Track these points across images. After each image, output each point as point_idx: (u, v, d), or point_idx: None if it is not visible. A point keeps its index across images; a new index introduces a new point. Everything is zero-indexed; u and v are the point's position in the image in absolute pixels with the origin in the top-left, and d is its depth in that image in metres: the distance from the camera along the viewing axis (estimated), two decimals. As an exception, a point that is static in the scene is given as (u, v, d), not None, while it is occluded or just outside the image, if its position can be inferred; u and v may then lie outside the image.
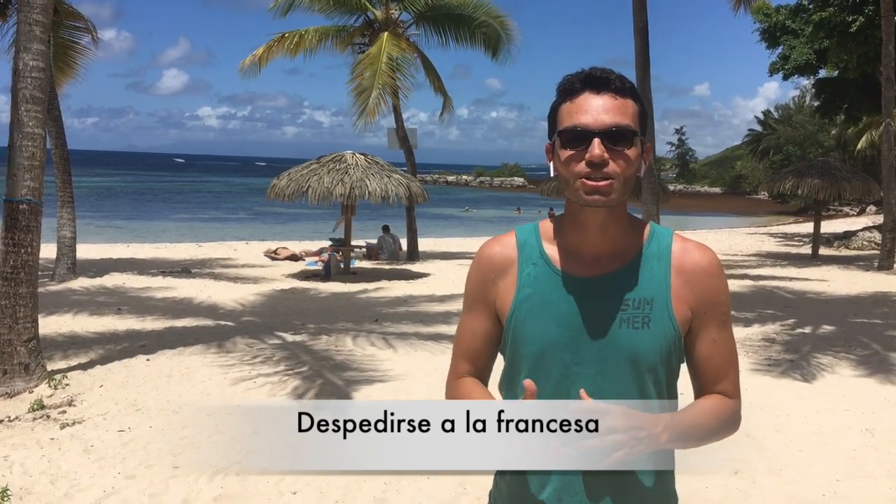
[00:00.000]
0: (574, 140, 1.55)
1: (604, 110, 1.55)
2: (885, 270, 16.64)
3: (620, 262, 1.64)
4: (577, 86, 1.59)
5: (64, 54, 14.46)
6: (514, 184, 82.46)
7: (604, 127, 1.54)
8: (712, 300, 1.64)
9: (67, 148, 13.18)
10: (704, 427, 1.62)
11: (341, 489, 4.56)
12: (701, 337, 1.65)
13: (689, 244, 1.67)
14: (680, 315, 1.62)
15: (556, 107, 1.63)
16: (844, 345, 8.75)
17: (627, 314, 1.60)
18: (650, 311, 1.60)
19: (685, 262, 1.64)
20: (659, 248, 1.66)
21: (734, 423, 1.68)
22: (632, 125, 1.56)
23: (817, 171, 20.16)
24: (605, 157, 1.53)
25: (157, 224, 33.00)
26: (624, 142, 1.55)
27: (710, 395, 1.67)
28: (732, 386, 1.68)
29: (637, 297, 1.61)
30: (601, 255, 1.64)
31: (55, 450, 5.07)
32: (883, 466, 5.04)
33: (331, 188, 14.27)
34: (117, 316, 9.91)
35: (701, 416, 1.62)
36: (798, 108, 59.98)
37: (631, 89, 1.60)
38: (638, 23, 13.91)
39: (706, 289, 1.64)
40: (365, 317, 10.35)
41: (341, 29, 19.13)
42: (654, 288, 1.62)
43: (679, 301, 1.62)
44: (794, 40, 24.98)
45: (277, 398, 6.35)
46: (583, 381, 1.57)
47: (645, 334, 1.59)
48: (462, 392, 1.71)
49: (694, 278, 1.63)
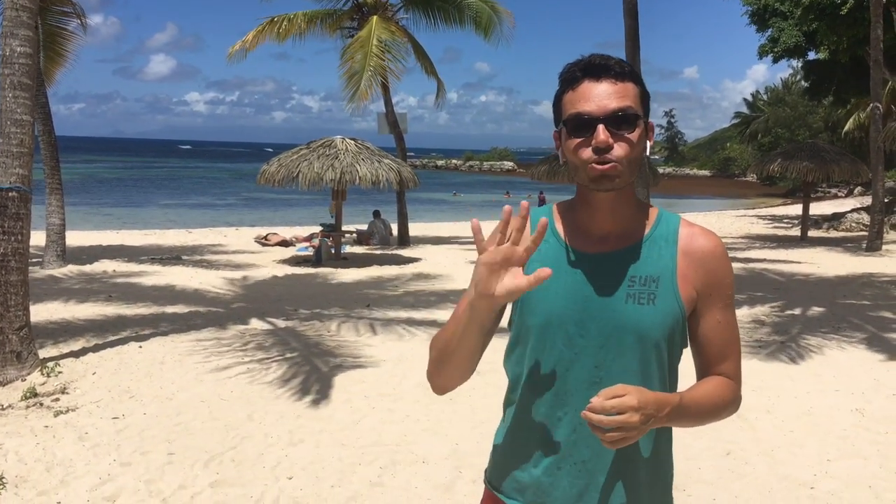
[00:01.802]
0: (579, 127, 1.59)
1: (605, 96, 1.58)
2: (873, 252, 16.76)
3: (628, 242, 1.67)
4: (577, 74, 1.61)
5: (52, 41, 14.30)
6: (504, 168, 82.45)
7: (607, 112, 1.57)
8: (717, 282, 1.68)
9: (55, 134, 13.08)
10: (705, 406, 1.65)
11: (337, 473, 4.58)
12: (705, 318, 1.68)
13: (696, 228, 1.71)
14: (685, 294, 1.65)
15: (560, 96, 1.66)
16: (834, 326, 8.82)
17: (634, 290, 1.63)
18: (656, 288, 1.63)
19: (692, 245, 1.68)
20: (667, 231, 1.70)
21: (734, 405, 1.72)
22: (633, 107, 1.59)
23: (806, 154, 20.23)
24: (611, 142, 1.56)
25: (147, 210, 32.84)
26: (627, 125, 1.58)
27: (713, 377, 1.71)
28: (734, 368, 1.72)
29: (644, 275, 1.64)
30: (610, 234, 1.68)
31: (49, 437, 5.07)
32: (873, 446, 5.10)
33: (321, 173, 14.22)
34: (108, 303, 9.87)
35: (703, 396, 1.65)
36: (787, 90, 60.07)
37: (631, 73, 1.62)
38: (628, 4, 13.87)
39: (711, 271, 1.67)
40: (356, 302, 10.36)
41: (330, 13, 19.02)
42: (661, 267, 1.65)
43: (685, 281, 1.65)
44: (783, 22, 24.95)
45: (268, 383, 6.35)
46: (587, 354, 1.62)
47: (650, 310, 1.62)
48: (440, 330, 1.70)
49: (700, 260, 1.67)
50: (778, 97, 61.53)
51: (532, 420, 1.69)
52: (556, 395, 1.64)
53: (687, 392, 1.62)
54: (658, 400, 1.49)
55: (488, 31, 19.09)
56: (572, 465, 1.64)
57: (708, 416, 1.67)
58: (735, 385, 1.72)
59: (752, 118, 62.65)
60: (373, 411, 5.74)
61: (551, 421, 1.66)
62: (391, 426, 5.43)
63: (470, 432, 5.26)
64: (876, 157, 17.40)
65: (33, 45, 6.55)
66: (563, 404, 1.64)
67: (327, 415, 5.64)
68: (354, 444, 5.05)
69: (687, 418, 1.60)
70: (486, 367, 6.55)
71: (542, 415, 1.67)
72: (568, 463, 1.65)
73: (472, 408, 5.73)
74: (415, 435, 5.26)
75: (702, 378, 1.72)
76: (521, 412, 1.72)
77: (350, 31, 19.08)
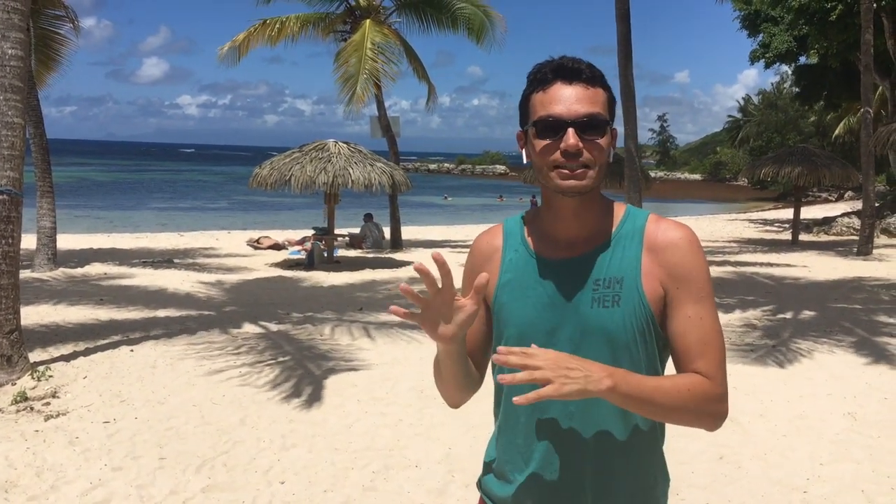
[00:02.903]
0: (548, 130, 1.58)
1: (576, 100, 1.57)
2: (864, 256, 16.83)
3: (594, 244, 1.66)
4: (548, 76, 1.60)
5: (45, 45, 14.24)
6: (496, 171, 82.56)
7: (577, 117, 1.56)
8: (684, 275, 1.60)
9: (46, 137, 13.02)
10: (670, 395, 1.51)
11: (330, 478, 4.57)
12: (675, 313, 1.61)
13: (664, 223, 1.66)
14: (650, 292, 1.60)
15: (528, 95, 1.64)
16: (825, 330, 8.85)
17: (598, 293, 1.61)
18: (620, 289, 1.60)
19: (657, 239, 1.63)
20: (633, 228, 1.66)
21: (711, 405, 1.56)
22: (603, 114, 1.59)
23: (797, 158, 20.30)
24: (580, 147, 1.55)
25: (138, 213, 32.73)
26: (596, 131, 1.57)
27: (686, 373, 1.58)
28: (712, 367, 1.57)
29: (607, 277, 1.62)
30: (576, 238, 1.66)
31: (40, 442, 5.04)
32: (865, 450, 5.11)
33: (314, 177, 14.21)
34: (99, 306, 9.83)
35: (668, 382, 1.53)
36: (778, 94, 60.34)
37: (600, 78, 1.61)
38: (620, 8, 13.91)
39: (677, 264, 1.60)
40: (349, 305, 10.34)
41: (323, 16, 19.01)
42: (625, 267, 1.62)
43: (649, 278, 1.60)
44: (774, 28, 25.08)
45: (260, 387, 6.33)
46: None
47: (615, 312, 1.59)
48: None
49: (664, 254, 1.61)
50: (769, 102, 61.80)
51: (514, 428, 1.70)
52: (535, 405, 1.60)
53: (646, 376, 1.56)
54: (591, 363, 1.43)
55: (481, 35, 19.09)
56: (552, 471, 1.65)
57: (674, 407, 1.52)
58: (712, 384, 1.55)
59: (744, 122, 62.93)
60: (365, 415, 5.72)
61: (532, 429, 1.67)
62: (384, 430, 5.41)
63: (463, 436, 5.25)
64: (866, 162, 17.48)
65: (25, 48, 6.52)
66: (542, 412, 1.65)
67: (320, 419, 5.62)
68: (347, 449, 5.04)
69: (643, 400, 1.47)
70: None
71: (522, 424, 1.68)
72: (549, 470, 1.65)
73: (465, 412, 5.69)
74: (408, 439, 5.24)
75: None
76: (504, 421, 1.74)
77: (343, 34, 19.07)
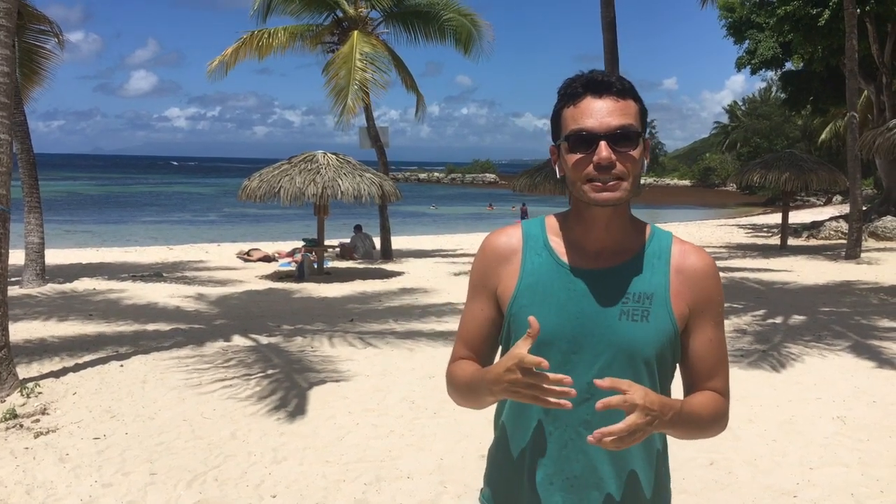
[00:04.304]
0: (580, 143, 1.60)
1: (607, 113, 1.59)
2: (852, 260, 16.92)
3: (622, 258, 1.68)
4: (579, 90, 1.62)
5: (29, 59, 14.20)
6: (486, 180, 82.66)
7: (609, 130, 1.58)
8: (709, 300, 1.69)
9: (33, 152, 12.98)
10: (701, 418, 1.65)
11: (321, 490, 4.56)
12: (697, 335, 1.69)
13: (688, 246, 1.73)
14: (678, 312, 1.66)
15: (559, 111, 1.66)
16: (814, 334, 8.89)
17: (628, 307, 1.64)
18: (650, 305, 1.64)
19: (684, 263, 1.69)
20: (660, 248, 1.71)
21: (723, 421, 1.71)
22: (635, 125, 1.61)
23: (784, 163, 20.42)
24: (612, 159, 1.57)
25: (127, 227, 32.61)
26: (628, 142, 1.59)
27: (704, 392, 1.70)
28: (724, 385, 1.72)
29: (637, 292, 1.65)
30: (604, 250, 1.68)
31: (30, 459, 5.01)
32: (854, 454, 5.13)
33: (303, 188, 14.21)
34: (88, 322, 9.79)
35: (700, 407, 1.65)
36: (764, 100, 60.69)
37: (631, 90, 1.64)
38: (606, 17, 14.00)
39: (704, 289, 1.69)
40: (340, 317, 10.33)
41: (311, 28, 19.04)
42: (655, 284, 1.66)
43: (678, 298, 1.66)
44: (759, 34, 25.26)
45: (251, 401, 6.31)
46: (580, 370, 1.61)
47: (644, 327, 1.63)
48: (458, 369, 1.76)
49: (693, 278, 1.68)
50: (755, 108, 62.15)
51: (523, 437, 1.70)
52: (547, 412, 1.64)
53: (685, 401, 1.63)
54: (662, 401, 1.51)
55: (468, 45, 19.14)
56: (563, 480, 1.65)
57: (700, 428, 1.67)
58: (726, 402, 1.72)
59: (732, 128, 63.25)
60: (357, 427, 5.71)
61: (542, 437, 1.67)
62: (375, 442, 5.41)
63: (454, 446, 5.25)
64: (853, 166, 17.60)
65: (10, 64, 6.51)
66: (553, 420, 1.65)
67: (311, 431, 5.61)
68: (338, 461, 5.03)
69: (683, 427, 1.59)
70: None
71: (533, 431, 1.68)
72: (559, 479, 1.65)
73: (457, 422, 5.72)
74: (399, 450, 5.24)
75: (689, 395, 1.72)
76: (512, 429, 1.73)
77: (331, 45, 19.10)
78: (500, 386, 1.50)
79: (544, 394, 1.45)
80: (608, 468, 1.64)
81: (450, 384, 1.79)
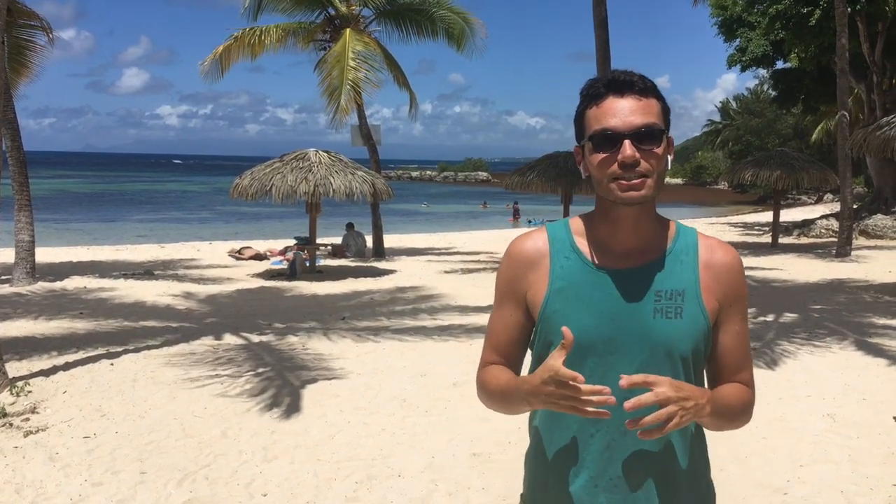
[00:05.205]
0: (604, 143, 1.61)
1: (630, 112, 1.60)
2: (843, 258, 16.98)
3: (651, 256, 1.70)
4: (601, 90, 1.64)
5: (19, 54, 14.13)
6: (479, 178, 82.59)
7: (632, 128, 1.59)
8: (737, 294, 1.72)
9: (24, 150, 12.92)
10: (734, 408, 1.69)
11: (312, 489, 4.55)
12: (725, 329, 1.72)
13: (713, 241, 1.75)
14: (709, 306, 1.68)
15: (582, 111, 1.67)
16: (806, 332, 8.92)
17: (661, 304, 1.65)
18: (682, 301, 1.66)
19: (712, 258, 1.72)
20: (686, 244, 1.73)
21: (750, 412, 1.76)
22: (658, 123, 1.62)
23: (776, 162, 20.47)
24: (637, 157, 1.58)
25: (119, 225, 32.47)
26: (652, 140, 1.61)
27: (731, 384, 1.74)
28: (750, 377, 1.77)
29: (669, 289, 1.66)
30: (632, 249, 1.69)
31: (19, 458, 4.99)
32: (845, 451, 5.15)
33: (295, 186, 14.17)
34: (79, 320, 9.75)
35: (733, 398, 1.70)
36: (756, 98, 60.84)
37: (653, 88, 1.65)
38: (598, 16, 14.01)
39: (732, 283, 1.71)
40: (332, 315, 10.31)
41: (303, 26, 18.99)
42: (685, 280, 1.68)
43: (708, 293, 1.69)
44: (750, 32, 25.31)
45: (241, 399, 6.30)
46: (617, 371, 1.61)
47: (678, 324, 1.65)
48: (489, 376, 1.76)
49: (721, 272, 1.71)
50: (747, 106, 62.28)
51: (564, 439, 1.70)
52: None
53: (716, 391, 1.66)
54: (695, 389, 1.55)
55: (461, 42, 19.15)
56: (608, 480, 1.66)
57: (731, 418, 1.71)
58: (752, 393, 1.77)
59: (723, 126, 63.38)
60: (348, 425, 5.71)
61: (584, 438, 1.67)
62: (367, 440, 5.40)
63: (446, 445, 5.25)
64: (844, 165, 17.66)
65: (0, 61, 6.47)
66: (594, 421, 1.64)
67: (302, 430, 5.60)
68: (330, 459, 5.02)
69: (718, 416, 1.62)
70: (461, 379, 6.57)
71: (574, 432, 1.68)
72: (604, 479, 1.66)
73: (448, 420, 5.72)
74: (390, 448, 5.24)
75: (714, 387, 1.74)
76: (552, 432, 1.73)
77: (323, 43, 19.06)
78: (538, 398, 1.53)
79: (582, 405, 1.47)
80: (652, 467, 1.66)
81: (481, 390, 1.79)
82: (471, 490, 4.54)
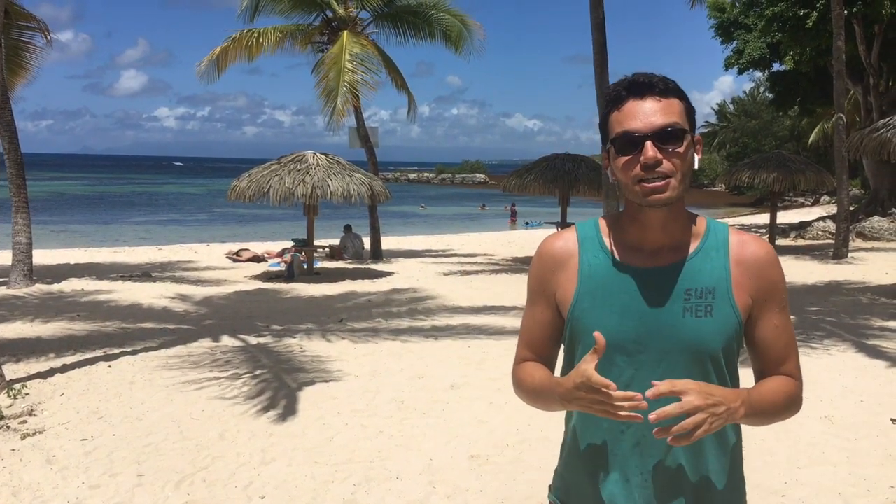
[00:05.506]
0: (627, 145, 1.62)
1: (651, 113, 1.61)
2: (840, 259, 17.00)
3: (681, 255, 1.69)
4: (622, 94, 1.64)
5: (16, 55, 14.14)
6: (476, 180, 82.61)
7: (653, 129, 1.59)
8: (772, 288, 1.70)
9: (21, 152, 12.90)
10: (775, 403, 1.68)
11: (310, 492, 4.55)
12: (763, 324, 1.70)
13: (746, 236, 1.74)
14: (741, 303, 1.67)
15: (606, 116, 1.68)
16: (803, 334, 8.93)
17: (691, 303, 1.65)
18: (713, 300, 1.65)
19: (744, 253, 1.70)
20: (717, 241, 1.72)
21: (797, 403, 1.74)
22: (679, 123, 1.62)
23: (773, 164, 20.48)
24: (659, 158, 1.59)
25: (116, 227, 32.44)
26: (674, 140, 1.61)
27: (774, 377, 1.73)
28: (795, 367, 1.74)
29: (699, 287, 1.66)
30: (661, 248, 1.69)
31: (16, 461, 4.98)
32: (842, 453, 5.16)
33: (292, 188, 14.17)
34: (76, 322, 9.74)
35: (772, 394, 1.68)
36: (752, 100, 60.92)
37: (675, 89, 1.65)
38: (595, 19, 14.01)
39: (766, 277, 1.70)
40: (329, 317, 10.31)
41: (301, 28, 18.99)
42: (716, 278, 1.67)
43: (740, 289, 1.67)
44: (747, 35, 25.36)
45: (239, 402, 6.29)
46: (646, 370, 1.63)
47: (709, 322, 1.64)
48: (525, 373, 1.78)
49: (753, 267, 1.69)
50: (744, 108, 62.37)
51: (595, 436, 1.71)
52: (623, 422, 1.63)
53: (755, 388, 1.66)
54: (726, 392, 1.54)
55: (459, 44, 19.15)
56: (639, 476, 1.67)
57: (775, 413, 1.69)
58: (799, 384, 1.74)
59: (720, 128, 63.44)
60: (346, 428, 5.70)
61: (614, 436, 1.68)
62: (364, 442, 5.40)
63: (444, 447, 5.25)
64: (840, 167, 17.69)
65: (-3, 63, 6.47)
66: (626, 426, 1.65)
67: (300, 432, 5.59)
68: (327, 462, 5.02)
69: (757, 414, 1.62)
70: (460, 381, 6.56)
71: (605, 430, 1.69)
72: (635, 476, 1.67)
73: (446, 422, 5.72)
74: (388, 451, 5.23)
75: (759, 381, 1.74)
76: (583, 430, 1.74)
77: (320, 45, 19.06)
78: (572, 403, 1.55)
79: (615, 409, 1.48)
80: (684, 464, 1.66)
81: (517, 386, 1.81)
82: (469, 492, 4.54)
